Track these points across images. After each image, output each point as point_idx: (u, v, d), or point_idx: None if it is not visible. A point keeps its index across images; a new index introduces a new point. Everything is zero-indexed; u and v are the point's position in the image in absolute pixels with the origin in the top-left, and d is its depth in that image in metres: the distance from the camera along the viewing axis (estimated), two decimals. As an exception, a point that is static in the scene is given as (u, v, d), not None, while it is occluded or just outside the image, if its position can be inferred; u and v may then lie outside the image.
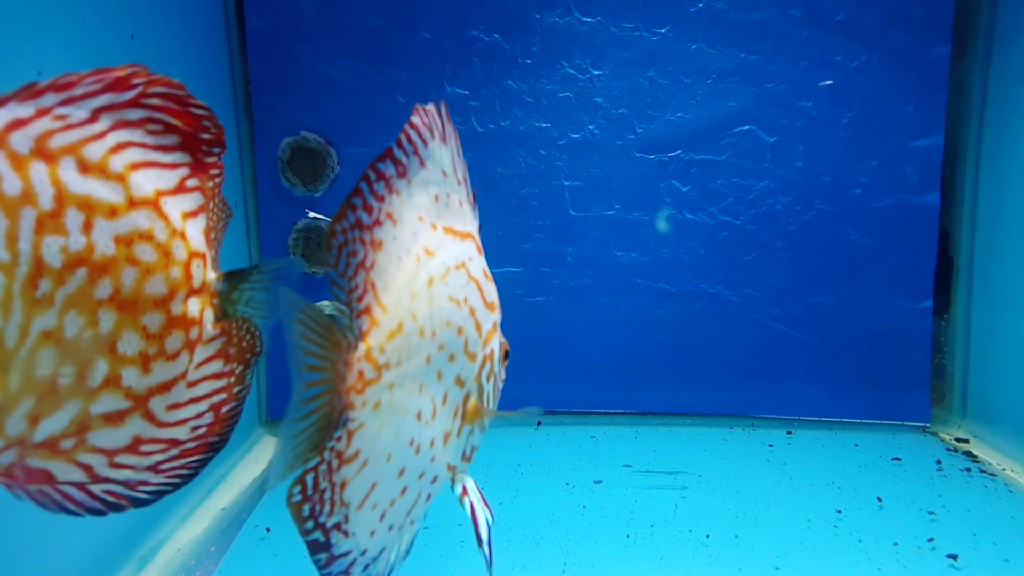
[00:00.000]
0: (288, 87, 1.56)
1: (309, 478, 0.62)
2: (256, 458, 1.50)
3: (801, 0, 1.55)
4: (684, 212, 1.63)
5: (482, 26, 1.57)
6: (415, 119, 0.67)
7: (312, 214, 1.54)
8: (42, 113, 0.53)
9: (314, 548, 0.64)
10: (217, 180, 0.68)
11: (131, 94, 0.59)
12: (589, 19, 1.57)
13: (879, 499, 1.20)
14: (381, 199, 0.64)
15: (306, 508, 0.63)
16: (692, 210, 1.63)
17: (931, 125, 1.57)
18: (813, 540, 1.07)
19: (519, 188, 1.64)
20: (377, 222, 0.64)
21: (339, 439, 0.62)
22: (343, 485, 0.63)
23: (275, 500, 1.27)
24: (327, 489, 0.63)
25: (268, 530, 1.15)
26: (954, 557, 1.01)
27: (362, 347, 0.61)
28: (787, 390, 1.62)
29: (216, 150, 0.67)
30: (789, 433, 1.55)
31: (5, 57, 0.80)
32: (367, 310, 0.62)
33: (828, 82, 1.55)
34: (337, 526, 0.64)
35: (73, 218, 0.54)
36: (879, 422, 1.59)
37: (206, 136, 0.66)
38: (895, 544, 1.05)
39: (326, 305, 1.58)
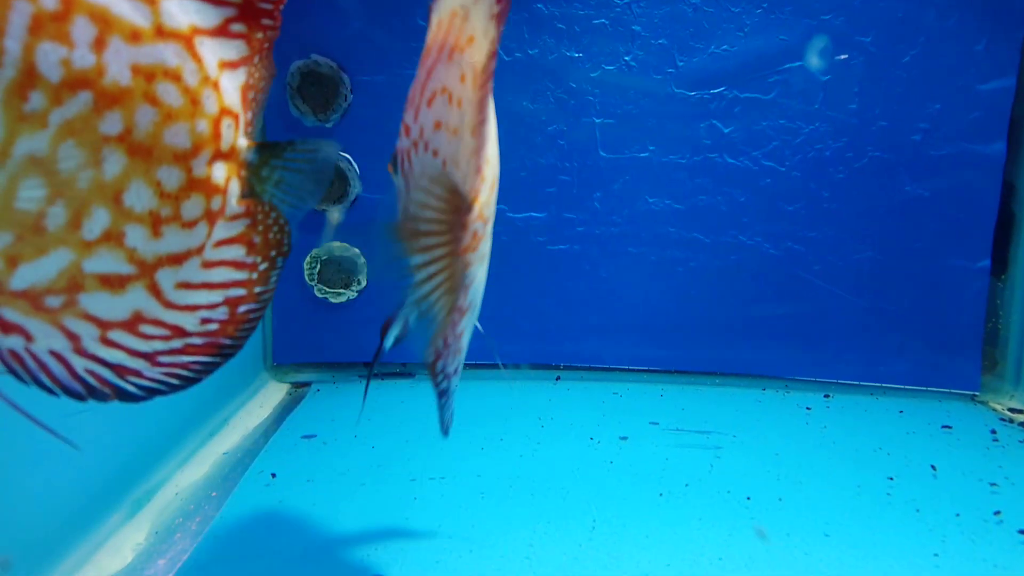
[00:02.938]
0: (299, 5, 1.43)
1: (440, 339, 0.63)
2: (261, 403, 1.41)
3: (868, -79, 1.39)
4: (724, 156, 1.51)
5: (513, -59, 1.42)
6: None
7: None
8: None
9: (442, 395, 0.67)
10: (268, 33, 0.58)
11: None
12: (631, -63, 1.43)
13: (933, 467, 1.11)
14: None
15: (439, 364, 0.65)
16: (733, 154, 1.50)
17: (1003, 66, 1.43)
18: (865, 508, 0.98)
19: (546, 125, 1.51)
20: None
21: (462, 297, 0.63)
22: (460, 335, 0.66)
23: (280, 445, 1.19)
24: (452, 343, 0.65)
25: (273, 475, 1.07)
26: None
27: (476, 208, 0.60)
28: (826, 351, 1.52)
29: None
30: (827, 396, 1.45)
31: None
32: (478, 169, 0.60)
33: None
34: (456, 371, 0.68)
35: (83, 29, 0.45)
36: (924, 388, 1.49)
37: None
38: (957, 515, 0.96)
39: (336, 247, 1.46)
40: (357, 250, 1.51)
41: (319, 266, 1.47)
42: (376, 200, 1.49)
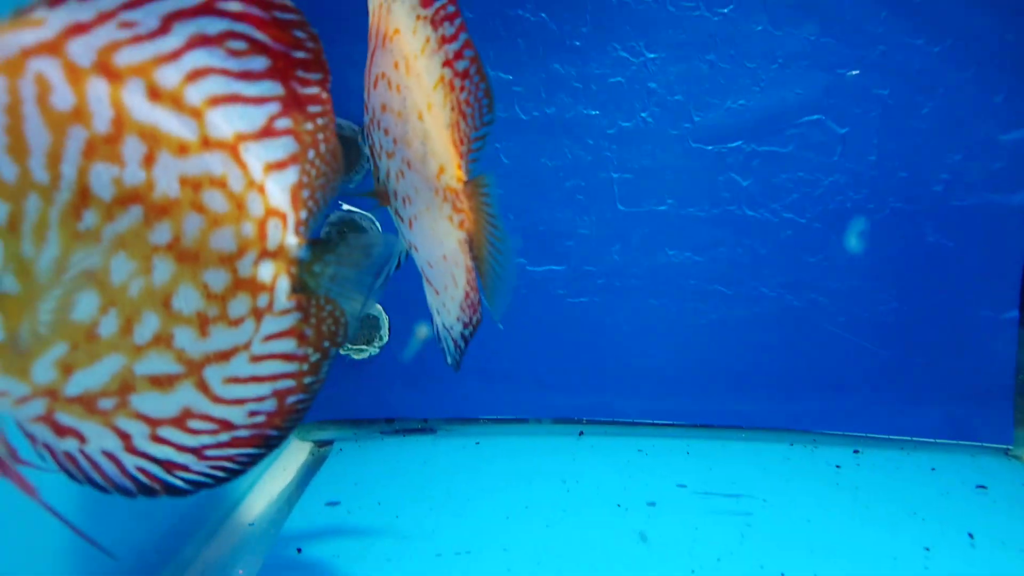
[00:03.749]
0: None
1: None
2: (284, 465, 1.42)
3: (881, -23, 1.40)
4: (744, 208, 1.50)
5: (528, 4, 1.45)
6: None
7: (345, 206, 1.44)
8: (105, 17, 0.46)
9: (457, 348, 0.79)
10: (319, 121, 0.57)
11: None
12: (645, -3, 1.45)
13: (970, 535, 1.08)
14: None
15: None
16: (753, 206, 1.50)
17: (1022, 116, 1.42)
18: (903, 583, 0.96)
19: (564, 180, 1.52)
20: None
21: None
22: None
23: (304, 513, 1.18)
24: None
25: (299, 550, 1.07)
26: (1070, 611, 0.89)
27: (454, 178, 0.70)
28: (853, 404, 1.50)
29: (315, 76, 0.56)
30: (856, 452, 1.43)
31: None
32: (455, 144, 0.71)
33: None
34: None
35: (133, 148, 0.47)
36: (955, 442, 1.46)
37: (300, 55, 0.55)
38: (999, 592, 0.94)
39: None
40: (379, 306, 1.51)
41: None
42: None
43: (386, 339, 1.51)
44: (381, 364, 1.54)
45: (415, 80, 0.68)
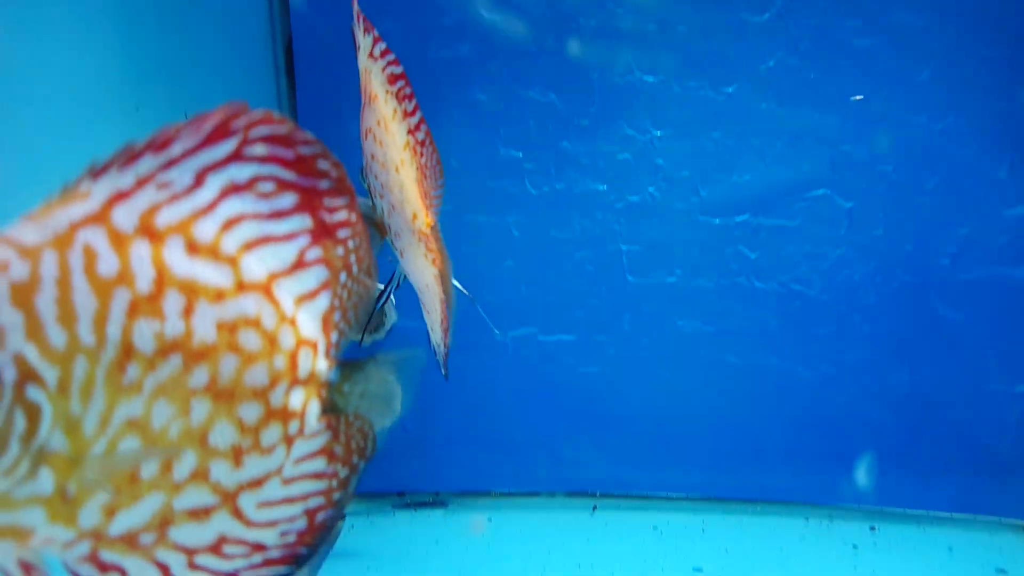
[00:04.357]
0: (339, 148, 1.49)
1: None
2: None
3: (880, 59, 1.43)
4: (752, 280, 1.52)
5: (538, 86, 1.49)
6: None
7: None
8: (143, 182, 0.48)
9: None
10: (349, 245, 0.58)
11: (233, 143, 0.52)
12: (651, 78, 1.48)
13: (993, 628, 1.07)
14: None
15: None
16: (761, 278, 1.52)
17: (1027, 192, 1.44)
18: None
19: (573, 252, 1.54)
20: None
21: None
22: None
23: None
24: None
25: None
26: None
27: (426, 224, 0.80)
28: (868, 477, 1.49)
29: (340, 201, 0.57)
30: (873, 529, 1.41)
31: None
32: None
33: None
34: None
35: (173, 302, 0.48)
36: (972, 516, 1.45)
37: (324, 184, 0.57)
38: None
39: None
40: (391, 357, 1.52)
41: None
42: (411, 328, 1.52)
43: (399, 413, 1.51)
44: (391, 435, 1.54)
45: (391, 139, 0.79)
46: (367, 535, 1.42)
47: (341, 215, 0.58)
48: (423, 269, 0.86)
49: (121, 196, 0.47)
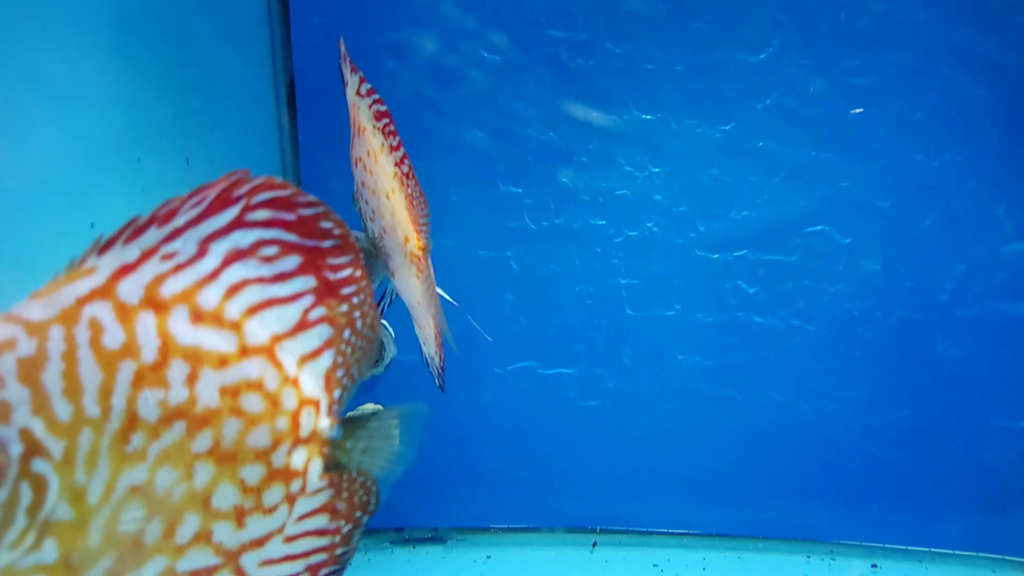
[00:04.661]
0: (339, 183, 1.50)
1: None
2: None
3: (876, 98, 1.45)
4: (752, 315, 1.52)
5: (537, 124, 1.50)
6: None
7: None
8: (148, 254, 0.49)
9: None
10: (353, 301, 0.59)
11: (235, 211, 0.53)
12: (649, 116, 1.50)
13: (999, 675, 1.05)
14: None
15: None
16: (760, 313, 1.52)
17: (1023, 229, 1.45)
18: None
19: (573, 286, 1.55)
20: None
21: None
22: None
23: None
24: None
25: None
26: None
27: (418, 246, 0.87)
28: (869, 513, 1.48)
29: (343, 259, 0.58)
30: (875, 567, 1.40)
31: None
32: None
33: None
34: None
35: (177, 370, 0.49)
36: (975, 553, 1.43)
37: (327, 244, 0.57)
38: None
39: (369, 408, 1.49)
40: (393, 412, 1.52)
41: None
42: (411, 362, 1.52)
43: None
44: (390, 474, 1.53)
45: (381, 168, 0.83)
46: (365, 571, 1.41)
47: (345, 272, 0.59)
48: (414, 288, 0.89)
49: (126, 269, 0.48)
